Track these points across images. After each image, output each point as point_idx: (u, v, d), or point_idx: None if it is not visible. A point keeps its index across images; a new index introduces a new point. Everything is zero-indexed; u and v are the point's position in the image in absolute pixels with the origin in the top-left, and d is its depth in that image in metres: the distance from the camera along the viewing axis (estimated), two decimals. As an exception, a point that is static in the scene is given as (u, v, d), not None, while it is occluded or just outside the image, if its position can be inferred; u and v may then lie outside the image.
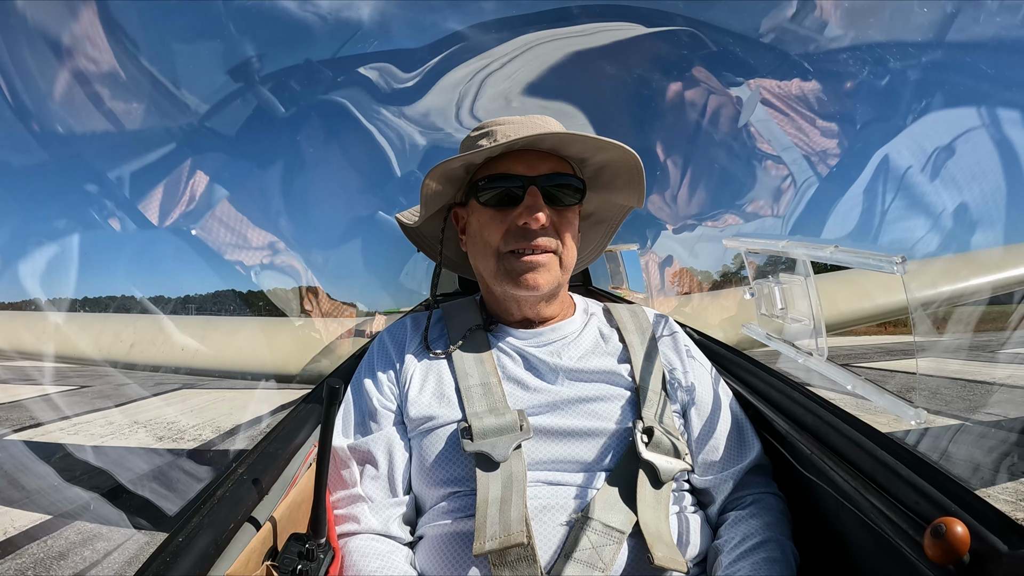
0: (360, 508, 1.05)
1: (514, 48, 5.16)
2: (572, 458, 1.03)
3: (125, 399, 8.58)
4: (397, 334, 1.27)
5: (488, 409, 1.06)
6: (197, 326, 5.49)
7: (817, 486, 1.00)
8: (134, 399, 8.49)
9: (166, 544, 0.76)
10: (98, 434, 6.56)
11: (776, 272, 1.31)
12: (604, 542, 0.92)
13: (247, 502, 0.90)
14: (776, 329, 1.35)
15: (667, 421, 1.09)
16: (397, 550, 1.02)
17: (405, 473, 1.10)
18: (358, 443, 1.11)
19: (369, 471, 1.09)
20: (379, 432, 1.12)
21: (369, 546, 1.00)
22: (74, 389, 8.95)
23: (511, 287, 1.15)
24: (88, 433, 6.60)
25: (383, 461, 1.09)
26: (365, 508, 1.05)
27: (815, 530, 1.05)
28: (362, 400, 1.17)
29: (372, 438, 1.11)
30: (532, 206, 1.11)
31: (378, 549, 1.00)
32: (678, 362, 1.22)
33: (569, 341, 1.21)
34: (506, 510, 0.92)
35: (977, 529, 0.68)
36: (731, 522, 1.05)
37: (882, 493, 0.85)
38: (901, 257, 0.91)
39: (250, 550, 0.83)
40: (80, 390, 9.04)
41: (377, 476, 1.08)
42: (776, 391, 1.23)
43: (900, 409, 0.92)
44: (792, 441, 1.09)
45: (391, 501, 1.07)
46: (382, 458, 1.09)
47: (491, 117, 1.21)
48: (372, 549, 0.99)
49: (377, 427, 1.13)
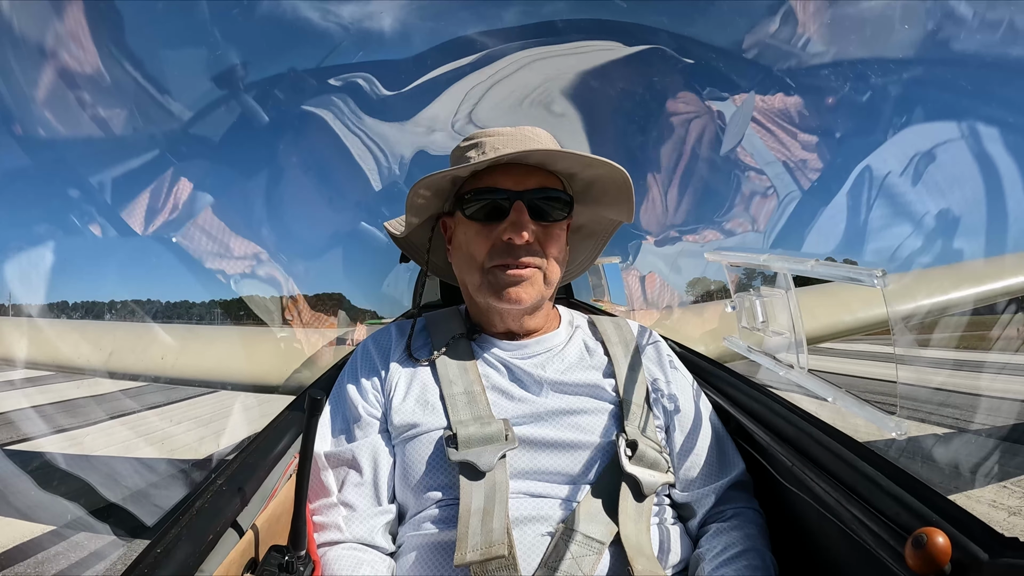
0: (343, 515, 1.03)
1: (503, 63, 5.19)
2: (555, 470, 1.03)
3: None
4: (382, 341, 1.26)
5: (473, 417, 1.06)
6: (178, 334, 5.44)
7: (798, 497, 1.00)
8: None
9: (144, 555, 0.74)
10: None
11: (757, 285, 1.32)
12: (584, 552, 0.91)
13: (227, 513, 0.88)
14: (757, 342, 1.36)
15: (650, 434, 1.09)
16: (381, 560, 1.01)
17: (390, 481, 1.08)
18: (342, 450, 1.09)
19: (353, 478, 1.07)
20: (364, 439, 1.10)
21: (353, 555, 0.98)
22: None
23: (494, 300, 1.14)
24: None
25: (368, 468, 1.07)
26: (349, 515, 1.03)
27: (796, 542, 1.05)
28: (346, 406, 1.16)
29: (357, 445, 1.09)
30: (517, 222, 1.10)
31: (362, 559, 0.98)
32: (660, 374, 1.22)
33: (554, 354, 1.20)
34: (488, 521, 0.92)
35: (958, 538, 0.69)
36: (713, 533, 1.05)
37: (863, 504, 0.85)
38: (881, 271, 0.92)
39: (230, 561, 0.82)
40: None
41: (361, 483, 1.07)
42: (757, 403, 1.24)
43: (881, 421, 0.93)
44: (773, 453, 1.09)
45: (376, 510, 1.05)
46: (367, 465, 1.08)
47: (477, 128, 1.21)
48: (356, 559, 0.98)
49: (362, 434, 1.11)
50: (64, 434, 6.73)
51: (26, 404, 8.23)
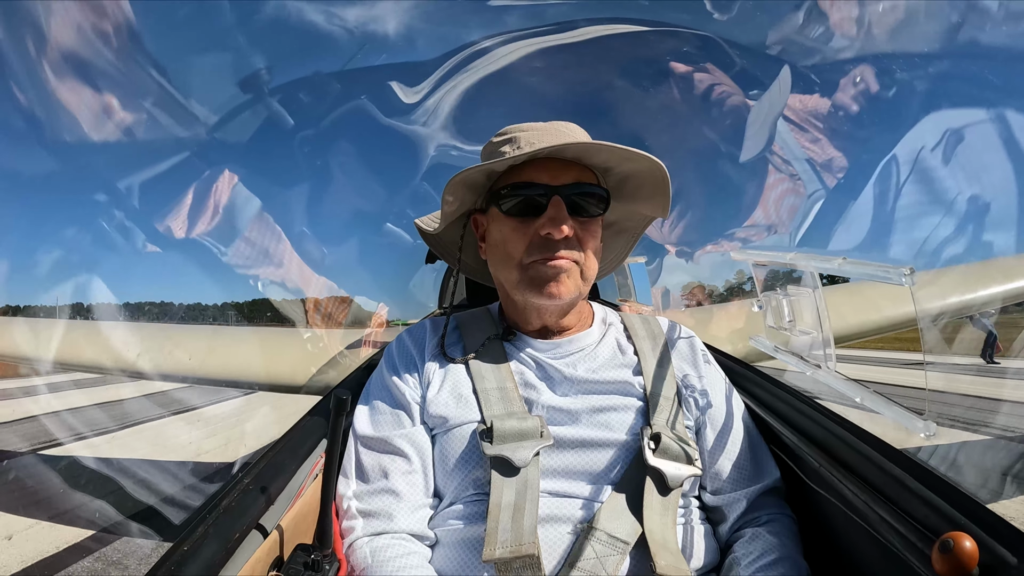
0: (390, 504, 1.02)
1: (522, 60, 5.18)
2: (581, 468, 1.02)
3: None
4: (417, 334, 1.25)
5: (508, 412, 1.05)
6: (204, 336, 5.50)
7: (825, 500, 0.99)
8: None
9: (171, 552, 0.75)
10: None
11: (784, 284, 1.30)
12: (608, 552, 0.91)
13: (253, 512, 0.89)
14: (784, 341, 1.35)
15: (678, 428, 1.08)
16: (426, 553, 1.00)
17: (433, 472, 1.08)
18: (389, 436, 1.08)
19: (402, 466, 1.06)
20: (411, 428, 1.10)
21: (402, 546, 0.97)
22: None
23: (533, 296, 1.13)
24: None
25: (416, 458, 1.07)
26: (398, 504, 1.02)
27: (823, 543, 1.04)
28: (390, 395, 1.15)
29: (404, 433, 1.09)
30: (555, 217, 1.08)
31: (412, 550, 0.97)
32: (692, 370, 1.20)
33: (587, 353, 1.19)
34: (519, 518, 0.92)
35: (986, 542, 0.68)
36: (748, 538, 1.04)
37: (891, 506, 0.84)
38: (909, 268, 0.91)
39: (255, 559, 0.83)
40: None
41: (411, 471, 1.06)
42: (784, 404, 1.23)
43: (910, 422, 0.91)
44: (800, 454, 1.08)
45: (424, 500, 1.05)
46: (414, 455, 1.07)
47: (499, 127, 1.20)
48: (405, 549, 0.97)
49: (410, 423, 1.11)
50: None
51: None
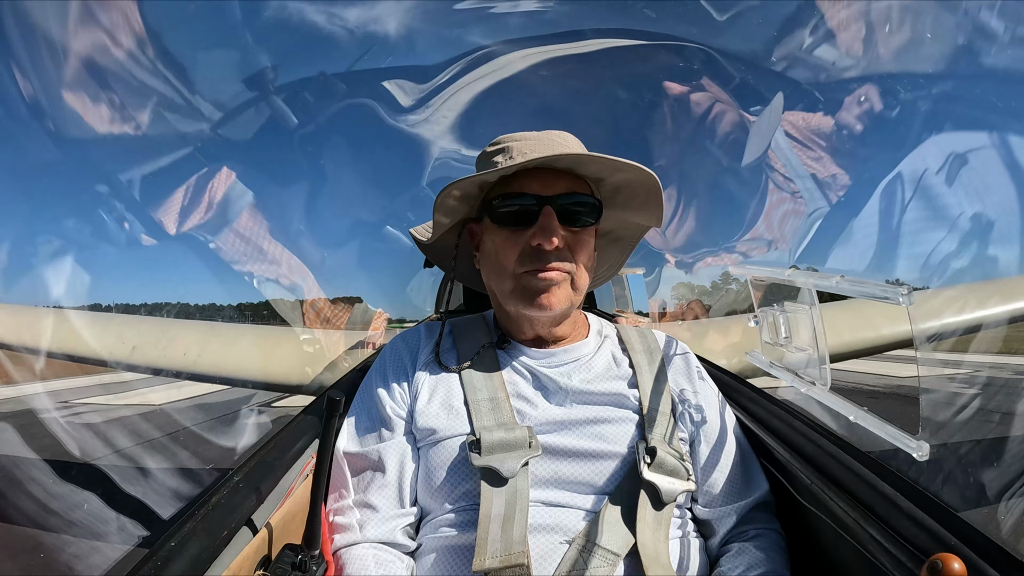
0: (365, 516, 1.04)
1: (526, 67, 5.18)
2: (574, 479, 1.02)
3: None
4: (411, 340, 1.25)
5: (497, 424, 1.05)
6: (200, 331, 5.49)
7: (816, 516, 0.99)
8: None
9: (158, 548, 0.75)
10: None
11: (781, 300, 1.30)
12: (599, 563, 0.91)
13: (242, 510, 0.89)
14: (779, 357, 1.35)
15: (674, 443, 1.08)
16: (399, 559, 1.01)
17: (413, 483, 1.08)
18: (368, 450, 1.09)
19: (378, 479, 1.07)
20: (391, 440, 1.10)
21: (372, 554, 0.99)
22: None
23: (524, 307, 1.13)
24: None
25: (393, 470, 1.07)
26: (370, 516, 1.04)
27: (812, 560, 1.04)
28: (374, 406, 1.15)
29: (384, 446, 1.09)
30: (547, 227, 1.08)
31: (381, 557, 0.99)
32: (687, 384, 1.20)
33: (582, 363, 1.19)
34: (508, 528, 0.92)
35: (976, 563, 0.68)
36: (735, 552, 1.04)
37: (881, 525, 0.84)
38: (907, 288, 0.91)
39: (243, 558, 0.83)
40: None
41: (385, 485, 1.07)
42: (777, 419, 1.23)
43: (903, 442, 0.91)
44: (792, 470, 1.08)
45: (398, 512, 1.05)
46: (392, 467, 1.08)
47: (502, 133, 1.20)
48: (375, 556, 0.98)
49: (389, 435, 1.11)
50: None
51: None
